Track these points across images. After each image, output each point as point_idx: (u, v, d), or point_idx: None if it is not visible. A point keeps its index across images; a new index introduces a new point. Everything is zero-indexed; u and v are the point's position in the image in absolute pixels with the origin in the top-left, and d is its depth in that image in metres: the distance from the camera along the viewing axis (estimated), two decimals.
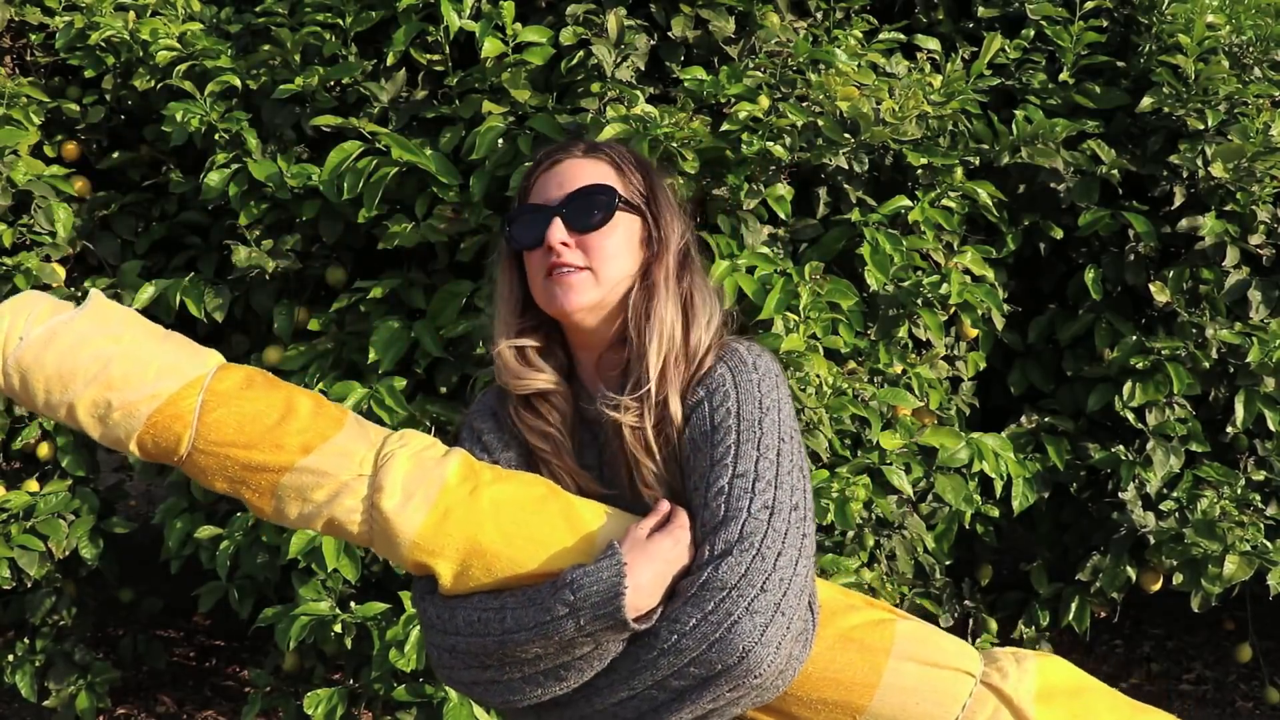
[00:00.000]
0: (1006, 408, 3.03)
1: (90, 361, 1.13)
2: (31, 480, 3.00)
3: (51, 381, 1.13)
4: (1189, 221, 2.81)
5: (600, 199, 1.26)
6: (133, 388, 1.14)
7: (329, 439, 1.19)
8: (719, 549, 1.12)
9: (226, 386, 1.18)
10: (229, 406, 1.17)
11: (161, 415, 1.15)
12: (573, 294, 1.25)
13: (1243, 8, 2.93)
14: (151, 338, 1.19)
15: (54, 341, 1.13)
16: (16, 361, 1.12)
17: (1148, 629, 4.20)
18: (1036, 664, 1.30)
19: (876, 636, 1.22)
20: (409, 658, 2.39)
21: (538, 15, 2.80)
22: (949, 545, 2.75)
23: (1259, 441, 2.96)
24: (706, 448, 1.19)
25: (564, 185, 1.28)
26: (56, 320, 1.14)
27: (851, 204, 2.69)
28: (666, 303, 1.26)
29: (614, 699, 1.11)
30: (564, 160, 1.30)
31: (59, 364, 1.13)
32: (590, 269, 1.25)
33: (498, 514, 1.18)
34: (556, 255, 1.24)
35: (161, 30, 2.83)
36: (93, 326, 1.15)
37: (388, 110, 2.77)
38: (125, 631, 3.42)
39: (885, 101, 2.53)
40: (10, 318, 1.14)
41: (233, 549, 2.65)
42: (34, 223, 2.88)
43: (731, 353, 1.26)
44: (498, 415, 1.34)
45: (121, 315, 1.19)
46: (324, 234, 2.76)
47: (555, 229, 1.25)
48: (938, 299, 2.62)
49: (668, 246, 1.30)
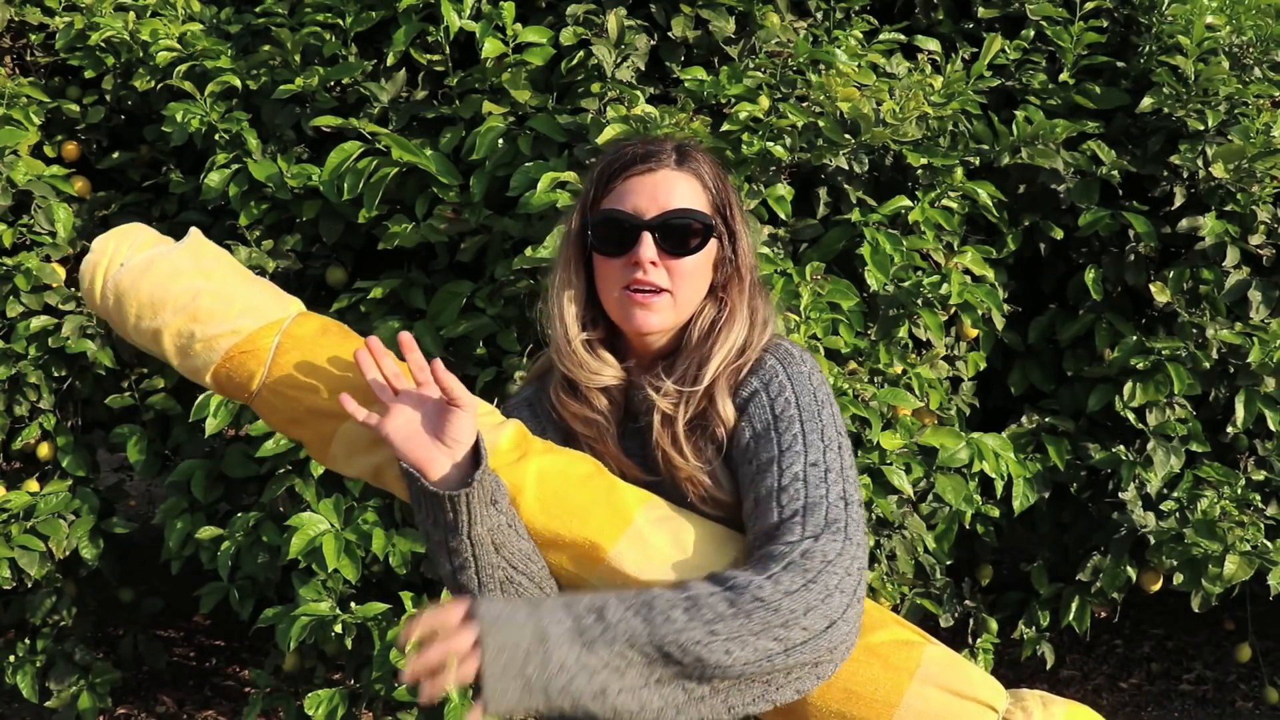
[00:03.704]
0: (1006, 408, 3.03)
1: (180, 293, 1.19)
2: (31, 480, 3.00)
3: (143, 307, 1.20)
4: (1189, 222, 2.81)
5: (695, 226, 1.26)
6: (215, 322, 1.20)
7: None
8: (810, 530, 1.14)
9: (303, 331, 1.23)
10: (302, 350, 1.21)
11: (238, 351, 1.20)
12: (652, 317, 1.25)
13: (1243, 8, 2.93)
14: (241, 278, 1.25)
15: (150, 270, 1.20)
16: (115, 284, 1.20)
17: (1148, 629, 4.21)
18: (1064, 711, 1.27)
19: (902, 656, 1.20)
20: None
21: (538, 15, 2.80)
22: (949, 545, 2.75)
23: (1259, 441, 2.97)
24: (771, 435, 1.21)
25: (657, 199, 1.25)
26: (156, 251, 1.21)
27: (852, 204, 2.69)
28: (739, 326, 1.28)
29: (696, 637, 1.07)
30: (658, 170, 1.27)
31: (152, 292, 1.19)
32: (671, 292, 1.26)
33: (540, 483, 1.19)
34: (643, 273, 1.24)
35: (161, 30, 2.83)
36: (188, 261, 1.22)
37: (388, 110, 2.77)
38: (125, 631, 3.42)
39: (885, 102, 2.53)
40: (115, 243, 1.21)
41: (233, 549, 2.65)
42: (34, 223, 2.88)
43: (776, 346, 1.29)
44: (534, 406, 1.35)
45: (215, 253, 1.25)
46: (324, 234, 2.76)
47: (646, 246, 1.24)
48: (938, 299, 2.62)
49: (744, 269, 1.31)
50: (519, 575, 1.18)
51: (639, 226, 1.24)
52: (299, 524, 2.50)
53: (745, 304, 1.30)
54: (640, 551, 1.18)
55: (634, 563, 1.17)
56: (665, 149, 1.29)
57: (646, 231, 1.24)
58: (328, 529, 2.51)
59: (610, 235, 1.26)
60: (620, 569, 1.17)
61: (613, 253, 1.26)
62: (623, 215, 1.26)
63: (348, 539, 2.50)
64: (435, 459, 1.16)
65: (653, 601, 1.08)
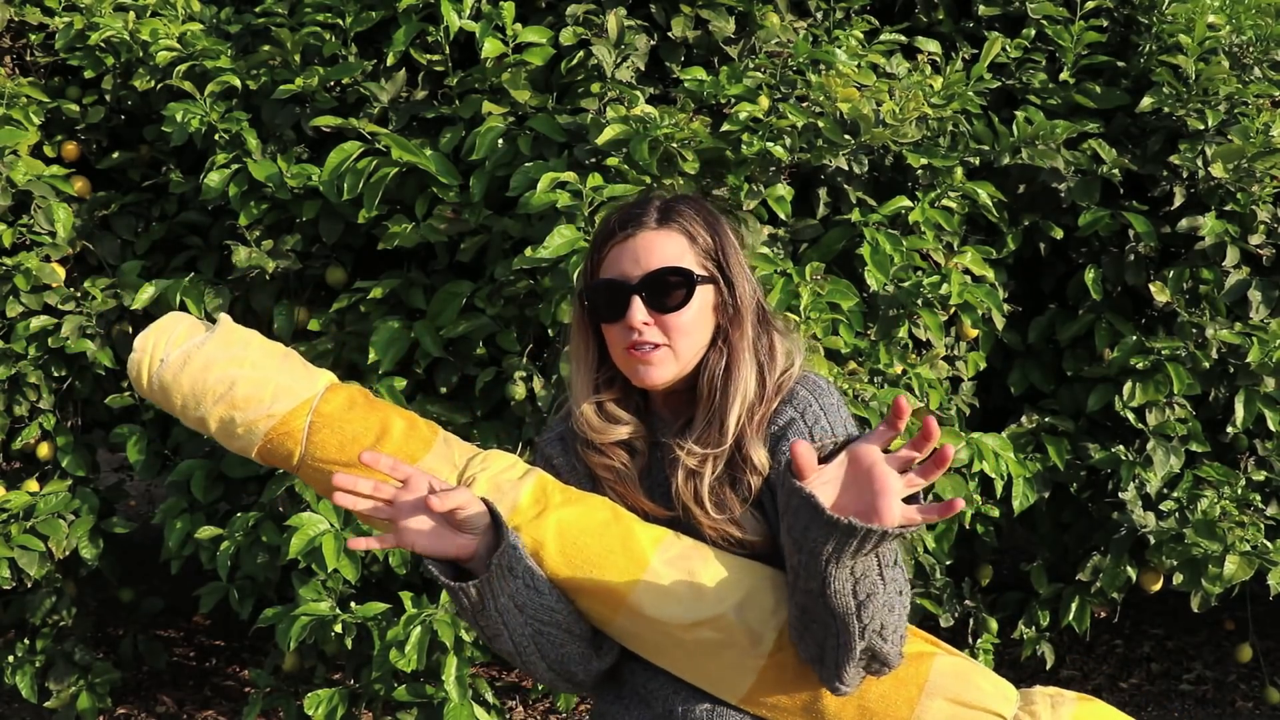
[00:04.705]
0: (1006, 408, 3.03)
1: (217, 383, 1.30)
2: (31, 480, 3.00)
3: (187, 399, 1.31)
4: (1189, 221, 2.81)
5: (676, 281, 1.30)
6: (253, 408, 1.30)
7: (416, 460, 1.30)
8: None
9: (331, 409, 1.32)
10: (333, 428, 1.31)
11: (276, 433, 1.31)
12: (654, 370, 1.30)
13: (1243, 8, 2.93)
14: (271, 358, 1.34)
15: (188, 364, 1.30)
16: (159, 380, 1.31)
17: (1148, 629, 4.20)
18: (1074, 709, 1.29)
19: (912, 671, 1.23)
20: (409, 658, 2.40)
21: (538, 15, 2.80)
22: (949, 545, 2.75)
23: (1259, 441, 2.96)
24: None
25: (640, 262, 1.31)
26: (191, 344, 1.31)
27: (851, 204, 2.69)
28: (746, 369, 1.31)
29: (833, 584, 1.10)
30: (637, 234, 1.32)
31: (192, 384, 1.30)
32: (669, 345, 1.30)
33: (560, 536, 1.26)
34: (638, 334, 1.29)
35: (161, 30, 2.83)
36: (220, 350, 1.32)
37: (388, 110, 2.77)
38: (125, 631, 3.42)
39: (885, 102, 2.53)
40: (154, 339, 1.32)
41: (233, 549, 2.65)
42: (34, 223, 2.88)
43: (804, 378, 1.33)
44: (565, 440, 1.40)
45: (244, 338, 1.34)
46: (324, 234, 2.76)
47: (635, 310, 1.29)
48: (938, 299, 2.62)
49: (743, 312, 1.34)
50: (547, 628, 1.24)
51: (627, 290, 1.30)
52: (299, 524, 2.50)
53: (748, 347, 1.32)
54: (657, 594, 1.24)
55: (652, 605, 1.23)
56: (648, 211, 1.34)
57: (634, 294, 1.29)
58: (327, 529, 2.51)
59: (605, 303, 1.32)
60: (641, 611, 1.24)
61: (610, 319, 1.31)
62: (611, 283, 1.31)
63: (347, 539, 2.50)
64: (462, 544, 1.20)
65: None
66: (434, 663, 2.51)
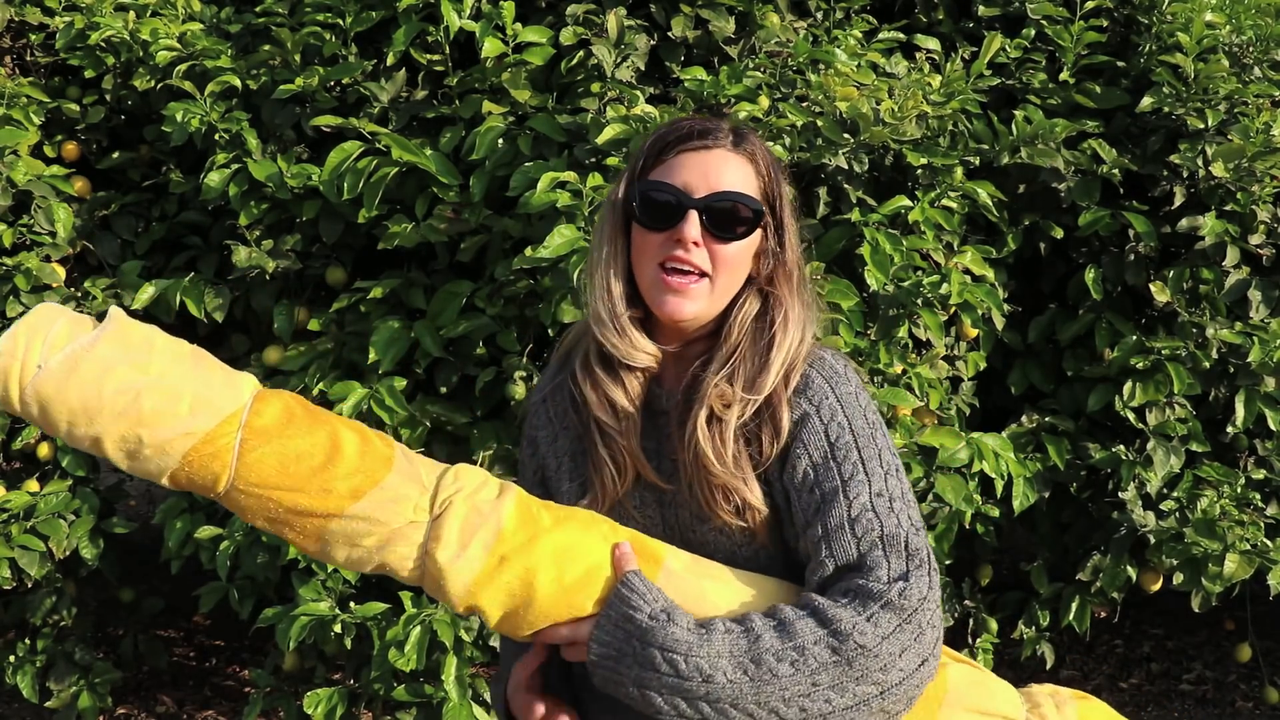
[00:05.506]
0: (1006, 408, 3.03)
1: (116, 395, 1.04)
2: (31, 480, 3.00)
3: (75, 414, 1.04)
4: (1189, 221, 2.81)
5: (744, 212, 1.21)
6: (165, 424, 1.05)
7: (379, 482, 1.12)
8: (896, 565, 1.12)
9: (265, 423, 1.10)
10: (270, 446, 1.09)
11: (197, 454, 1.07)
12: (687, 304, 1.21)
13: (1243, 7, 2.93)
14: (180, 362, 1.10)
15: (76, 371, 1.04)
16: (36, 391, 1.03)
17: (1148, 629, 4.20)
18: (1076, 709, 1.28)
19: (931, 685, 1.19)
20: (409, 658, 2.40)
21: (538, 15, 2.80)
22: (949, 545, 2.75)
23: (1259, 441, 2.97)
24: (831, 465, 1.17)
25: (709, 179, 1.21)
26: (77, 345, 1.05)
27: (851, 204, 2.69)
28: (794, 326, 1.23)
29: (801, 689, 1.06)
30: (714, 149, 1.23)
31: (83, 396, 1.04)
32: (710, 277, 1.21)
33: (558, 563, 1.13)
34: (684, 251, 1.20)
35: (161, 30, 2.83)
36: (117, 352, 1.06)
37: (388, 110, 2.77)
38: (125, 631, 3.42)
39: (885, 102, 2.53)
40: (26, 341, 1.04)
41: (233, 549, 2.65)
42: (34, 223, 2.88)
43: (819, 360, 1.24)
44: (548, 401, 1.31)
45: (145, 336, 1.10)
46: (324, 234, 2.76)
47: (691, 225, 1.19)
48: (938, 299, 2.62)
49: (791, 265, 1.27)
50: None
51: (688, 204, 1.20)
52: None
53: (798, 302, 1.25)
54: None
55: None
56: (722, 128, 1.25)
57: (693, 210, 1.20)
58: None
59: (655, 208, 1.21)
60: None
61: (655, 226, 1.21)
62: (671, 189, 1.21)
63: None
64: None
65: (760, 657, 1.06)
66: (434, 662, 2.51)
